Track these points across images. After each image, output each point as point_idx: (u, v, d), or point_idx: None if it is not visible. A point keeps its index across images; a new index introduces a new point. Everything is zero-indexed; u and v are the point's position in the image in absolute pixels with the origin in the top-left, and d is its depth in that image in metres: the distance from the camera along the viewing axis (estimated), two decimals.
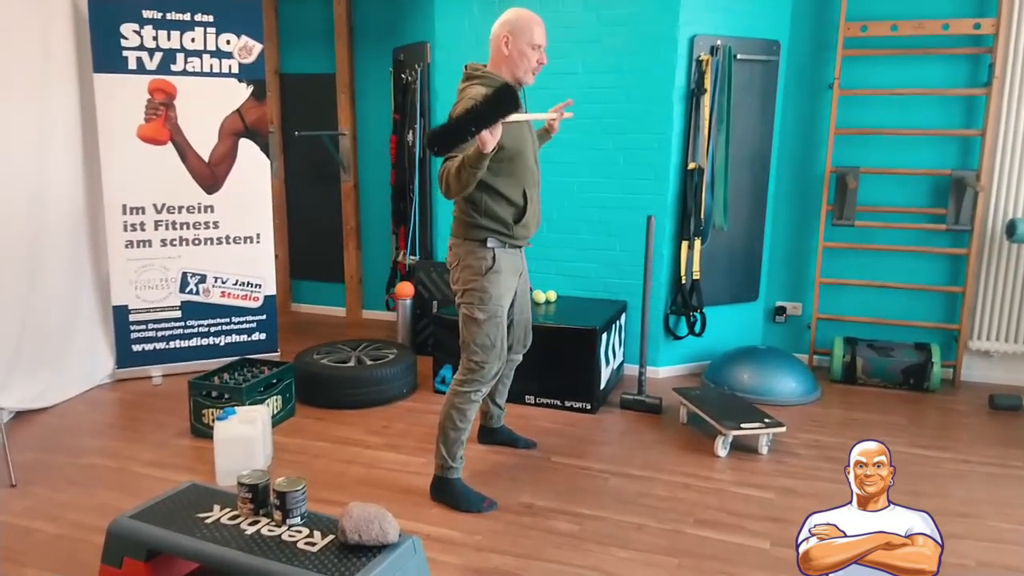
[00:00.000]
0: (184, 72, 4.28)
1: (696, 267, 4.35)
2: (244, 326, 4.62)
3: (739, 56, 4.22)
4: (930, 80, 4.30)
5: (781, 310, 4.77)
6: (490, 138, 2.37)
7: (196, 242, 4.43)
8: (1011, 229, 3.95)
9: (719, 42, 4.16)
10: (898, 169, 4.40)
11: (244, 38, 4.40)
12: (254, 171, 4.54)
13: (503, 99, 2.35)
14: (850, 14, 4.31)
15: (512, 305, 3.03)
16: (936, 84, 4.30)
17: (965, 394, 4.26)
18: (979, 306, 4.36)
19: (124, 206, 4.23)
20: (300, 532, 2.13)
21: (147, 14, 4.15)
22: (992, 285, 4.31)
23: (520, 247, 2.94)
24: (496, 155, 2.58)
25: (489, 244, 2.80)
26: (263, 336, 4.68)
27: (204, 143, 4.39)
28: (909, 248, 4.45)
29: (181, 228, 4.39)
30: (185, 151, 4.35)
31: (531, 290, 3.24)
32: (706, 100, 4.18)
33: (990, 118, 4.15)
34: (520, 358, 3.26)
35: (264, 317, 4.67)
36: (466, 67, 2.83)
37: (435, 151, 2.47)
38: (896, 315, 4.52)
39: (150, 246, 4.32)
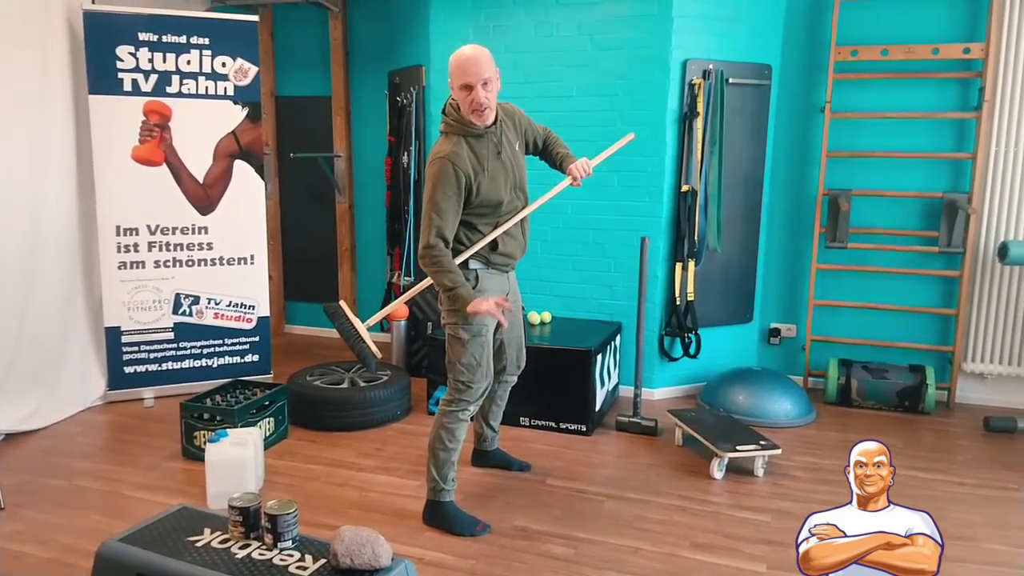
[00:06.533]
0: (179, 94, 4.30)
1: (690, 288, 4.36)
2: (237, 348, 4.60)
3: (731, 80, 4.26)
4: (921, 104, 4.34)
5: (775, 332, 4.77)
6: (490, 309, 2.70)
7: (190, 263, 4.42)
8: (1003, 251, 3.97)
9: (711, 66, 4.20)
10: (890, 191, 4.42)
11: (240, 60, 4.43)
12: (249, 192, 4.55)
13: (331, 319, 3.04)
14: (841, 39, 4.36)
15: (500, 325, 3.03)
16: (927, 108, 4.34)
17: (960, 416, 4.26)
18: (972, 328, 4.37)
19: (118, 227, 4.23)
20: (291, 556, 2.11)
21: (143, 36, 4.17)
22: (985, 307, 4.33)
23: (503, 270, 2.95)
24: (474, 202, 2.73)
25: (472, 266, 2.87)
26: (256, 358, 4.66)
27: (199, 164, 4.40)
28: (902, 270, 4.46)
29: (175, 249, 4.38)
30: (180, 172, 4.35)
31: (524, 309, 3.24)
32: (699, 123, 4.22)
33: (981, 141, 4.19)
34: (515, 379, 3.25)
35: (257, 339, 4.65)
36: (443, 108, 2.82)
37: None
38: (890, 337, 4.52)
39: (143, 267, 4.31)
